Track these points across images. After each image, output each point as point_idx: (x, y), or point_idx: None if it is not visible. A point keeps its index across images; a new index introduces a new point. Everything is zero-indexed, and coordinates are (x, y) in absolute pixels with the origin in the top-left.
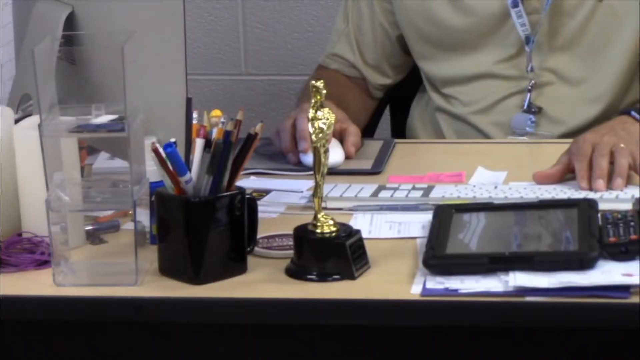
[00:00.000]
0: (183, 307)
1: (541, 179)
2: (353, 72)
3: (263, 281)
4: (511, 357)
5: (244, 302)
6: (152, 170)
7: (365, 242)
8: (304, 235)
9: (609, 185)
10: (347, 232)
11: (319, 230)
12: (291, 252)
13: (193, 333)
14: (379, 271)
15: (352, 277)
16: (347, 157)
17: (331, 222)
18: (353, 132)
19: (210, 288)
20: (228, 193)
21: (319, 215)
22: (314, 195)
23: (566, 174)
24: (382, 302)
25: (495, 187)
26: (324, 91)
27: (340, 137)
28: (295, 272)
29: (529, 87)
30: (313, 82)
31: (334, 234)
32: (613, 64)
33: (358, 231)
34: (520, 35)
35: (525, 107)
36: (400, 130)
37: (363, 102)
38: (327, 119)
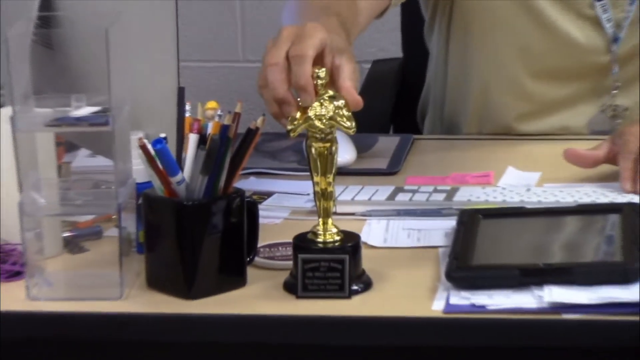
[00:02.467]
0: (174, 324)
1: (571, 157)
2: None
3: (264, 296)
4: None
5: (243, 319)
6: (139, 170)
7: (381, 252)
8: (302, 245)
9: None
10: (352, 243)
11: (320, 240)
12: None
13: (185, 353)
14: (395, 285)
15: (345, 296)
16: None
17: (334, 230)
18: (348, 70)
19: (204, 303)
20: (225, 196)
21: (321, 221)
22: (315, 197)
23: (601, 163)
24: (399, 320)
25: (528, 190)
26: (325, 80)
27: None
28: (295, 286)
29: (614, 91)
30: (315, 69)
31: (337, 244)
32: None
33: (357, 243)
34: (607, 33)
35: (606, 110)
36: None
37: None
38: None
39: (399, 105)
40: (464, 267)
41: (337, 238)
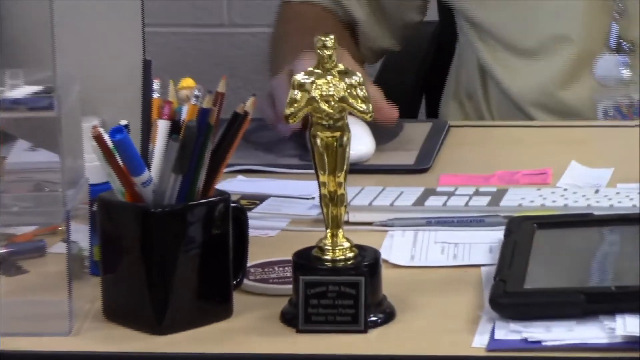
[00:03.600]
0: None
1: None
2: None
3: (255, 329)
4: None
5: None
6: (94, 167)
7: (406, 273)
8: (304, 264)
9: None
10: (369, 262)
11: (328, 257)
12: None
13: None
14: (425, 315)
15: (360, 329)
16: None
17: (346, 244)
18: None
19: (178, 340)
20: (205, 200)
21: (329, 234)
22: (321, 202)
23: None
24: None
25: (596, 192)
26: (334, 49)
27: None
28: (295, 316)
29: (616, 14)
30: (321, 37)
31: (349, 263)
32: None
33: (375, 261)
34: None
35: (612, 43)
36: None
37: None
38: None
39: (432, 83)
40: (513, 291)
41: (350, 255)
